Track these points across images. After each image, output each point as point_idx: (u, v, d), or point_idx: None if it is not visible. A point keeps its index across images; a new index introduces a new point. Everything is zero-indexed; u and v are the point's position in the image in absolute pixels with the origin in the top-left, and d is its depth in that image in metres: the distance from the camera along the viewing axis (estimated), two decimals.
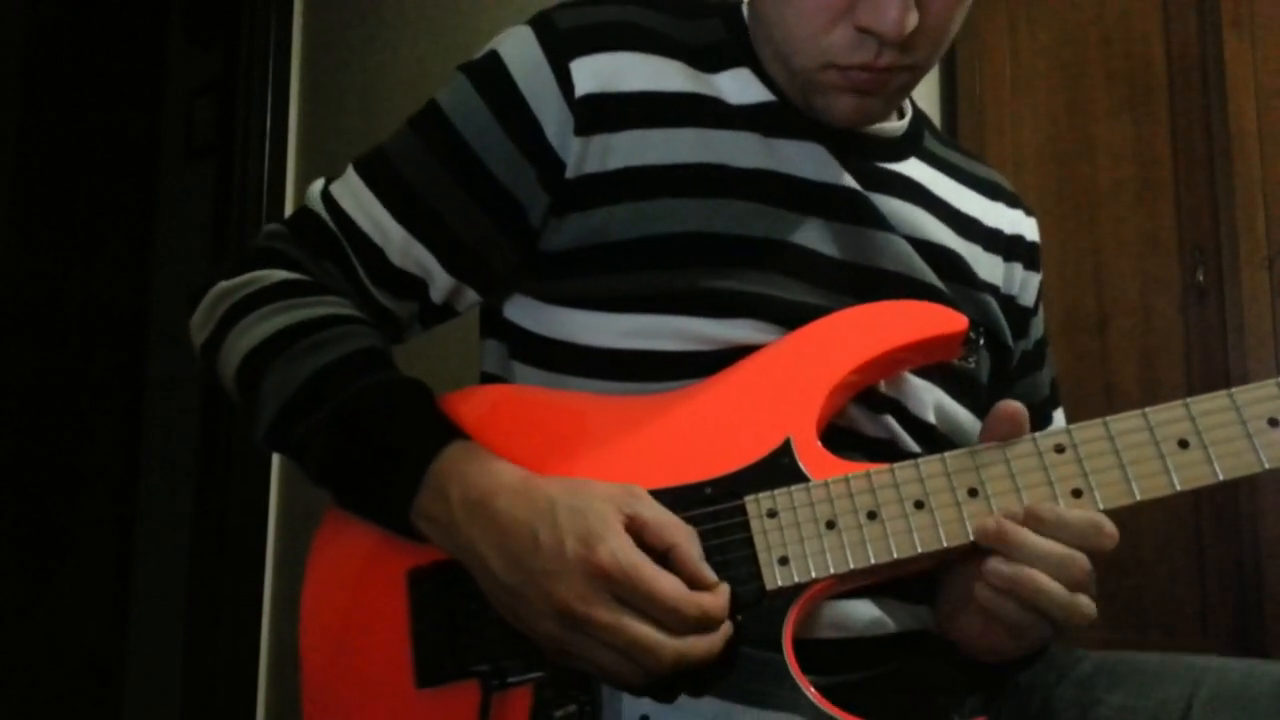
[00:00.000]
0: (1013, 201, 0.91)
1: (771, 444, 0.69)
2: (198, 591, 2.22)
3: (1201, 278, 1.97)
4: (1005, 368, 0.86)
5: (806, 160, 0.79)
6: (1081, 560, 0.62)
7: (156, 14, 2.98)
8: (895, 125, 0.84)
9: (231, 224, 2.22)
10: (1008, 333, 0.86)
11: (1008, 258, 0.88)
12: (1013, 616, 0.63)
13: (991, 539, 0.63)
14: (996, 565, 0.63)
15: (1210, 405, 0.63)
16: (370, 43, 2.16)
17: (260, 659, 2.13)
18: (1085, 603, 0.62)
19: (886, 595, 0.73)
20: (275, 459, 2.20)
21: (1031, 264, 0.90)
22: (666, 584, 0.61)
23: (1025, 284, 0.89)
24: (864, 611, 0.72)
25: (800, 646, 0.65)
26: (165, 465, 2.75)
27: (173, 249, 2.88)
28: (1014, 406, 0.66)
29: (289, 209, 2.25)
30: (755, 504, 0.67)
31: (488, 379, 0.85)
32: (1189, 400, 0.63)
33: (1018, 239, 0.89)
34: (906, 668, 0.74)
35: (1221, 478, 0.61)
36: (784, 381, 0.71)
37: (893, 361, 0.74)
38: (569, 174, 0.76)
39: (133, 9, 2.96)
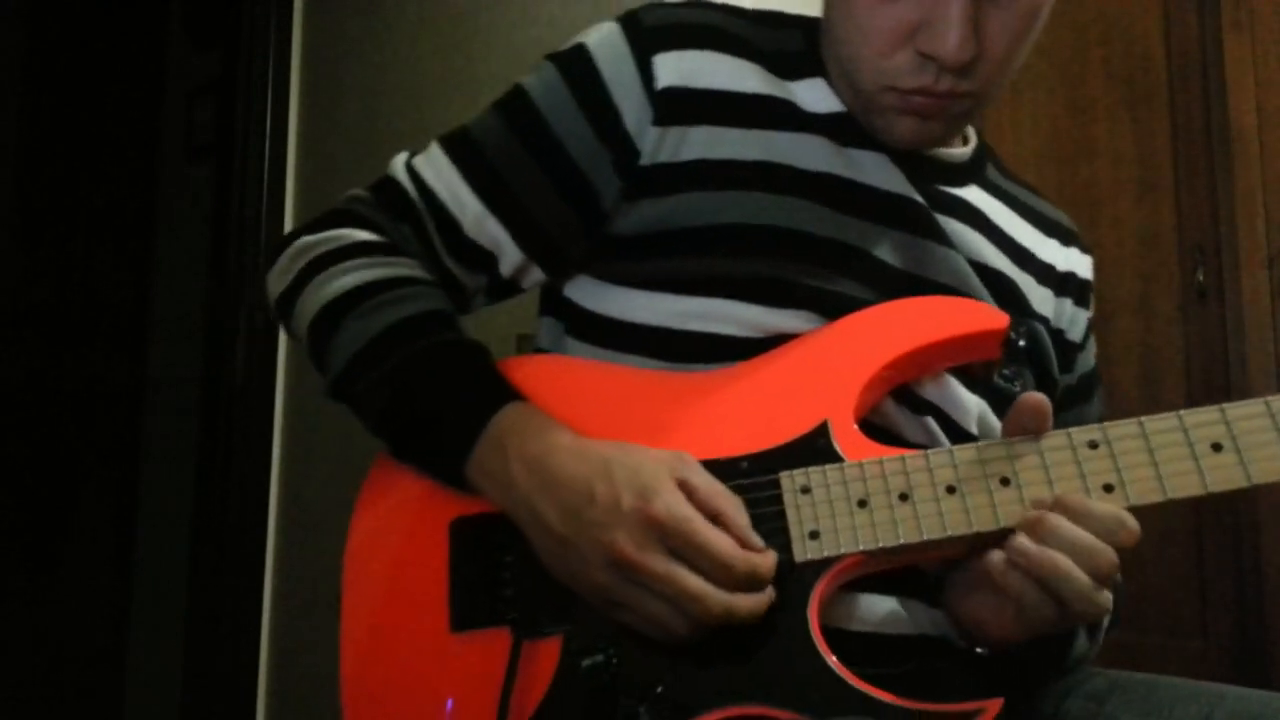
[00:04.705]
0: (1068, 239, 0.92)
1: (809, 424, 0.71)
2: (198, 591, 2.22)
3: (1201, 278, 1.96)
4: (1049, 399, 0.87)
5: (875, 170, 0.81)
6: (1109, 554, 0.62)
7: (156, 14, 2.98)
8: (959, 151, 0.86)
9: (231, 224, 2.22)
10: (1055, 365, 0.87)
11: (1059, 293, 0.89)
12: (1030, 599, 0.63)
13: (1025, 523, 0.64)
14: (1024, 544, 0.63)
15: (1246, 411, 0.64)
16: (370, 43, 2.16)
17: (260, 659, 2.13)
18: (1105, 597, 0.62)
19: (911, 596, 0.73)
20: (275, 459, 2.20)
21: (1081, 301, 0.91)
22: (719, 538, 0.63)
23: (1074, 320, 0.90)
24: (886, 607, 0.73)
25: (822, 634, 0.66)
26: (165, 465, 2.75)
27: (173, 249, 2.88)
28: (1037, 398, 0.67)
29: (289, 209, 2.26)
30: (789, 479, 0.68)
31: None
32: (1225, 405, 0.64)
33: (1070, 275, 0.90)
34: (921, 669, 0.74)
35: (1253, 482, 0.63)
36: (825, 367, 0.73)
37: (934, 355, 0.75)
38: (643, 161, 0.79)
39: (133, 9, 2.96)
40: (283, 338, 2.21)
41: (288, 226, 2.24)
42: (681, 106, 0.79)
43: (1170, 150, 2.03)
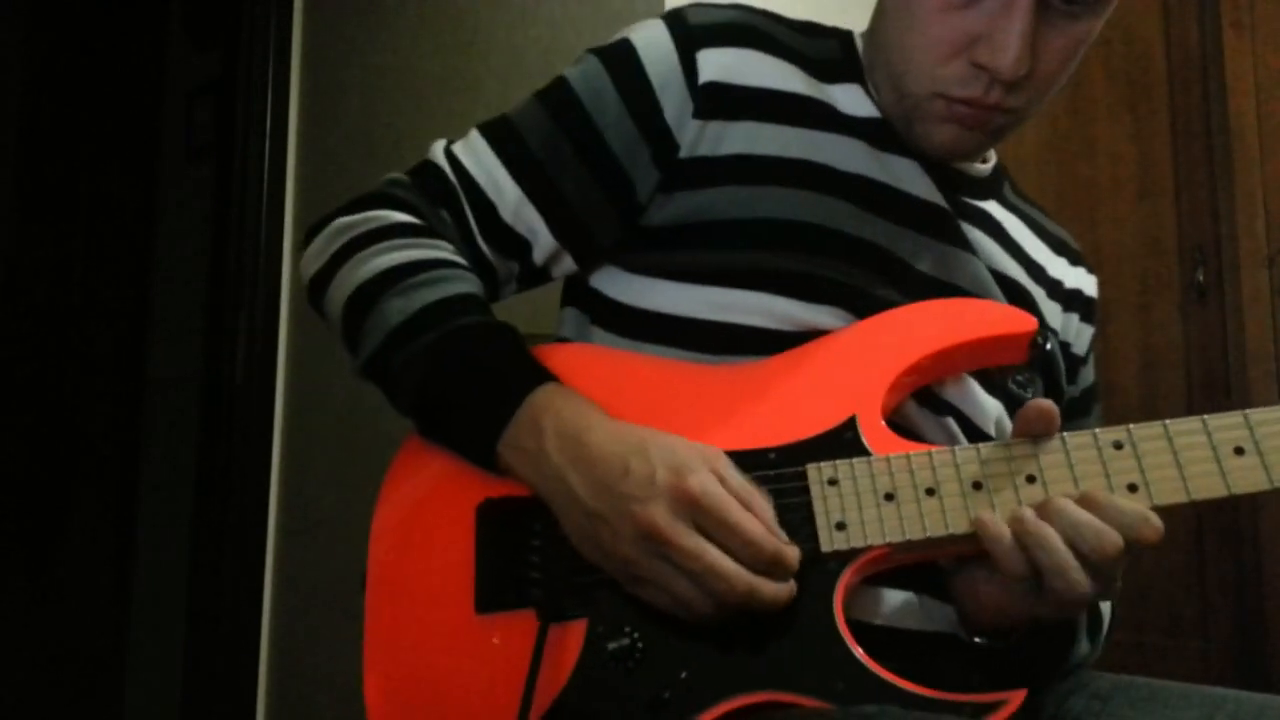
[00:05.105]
0: (1075, 259, 0.95)
1: (837, 419, 0.72)
2: (198, 591, 2.22)
3: (1201, 278, 1.97)
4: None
5: (908, 176, 0.83)
6: (1112, 536, 0.62)
7: (156, 14, 2.98)
8: (982, 167, 0.90)
9: (231, 224, 2.22)
10: (1064, 376, 0.89)
11: (1066, 308, 0.92)
12: (1011, 561, 0.64)
13: (1034, 503, 0.65)
14: (1024, 512, 0.64)
15: (1268, 416, 0.66)
16: (370, 43, 2.16)
17: (260, 659, 2.13)
18: (1081, 580, 0.62)
19: (929, 593, 0.74)
20: (275, 459, 2.20)
21: (1086, 317, 0.94)
22: (748, 519, 0.65)
23: (1080, 334, 0.93)
24: (905, 601, 0.74)
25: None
26: (165, 465, 2.75)
27: (173, 249, 2.88)
28: (1045, 403, 0.68)
29: (289, 209, 2.26)
30: (817, 471, 0.70)
31: None
32: (1248, 410, 0.66)
33: (1077, 292, 0.93)
34: (931, 666, 0.74)
35: (1275, 485, 0.64)
36: (855, 363, 0.74)
37: (962, 355, 0.76)
38: (682, 154, 0.81)
39: (133, 9, 2.96)
40: (283, 337, 2.21)
41: (288, 226, 2.24)
42: (723, 101, 0.81)
43: (1170, 150, 2.03)
